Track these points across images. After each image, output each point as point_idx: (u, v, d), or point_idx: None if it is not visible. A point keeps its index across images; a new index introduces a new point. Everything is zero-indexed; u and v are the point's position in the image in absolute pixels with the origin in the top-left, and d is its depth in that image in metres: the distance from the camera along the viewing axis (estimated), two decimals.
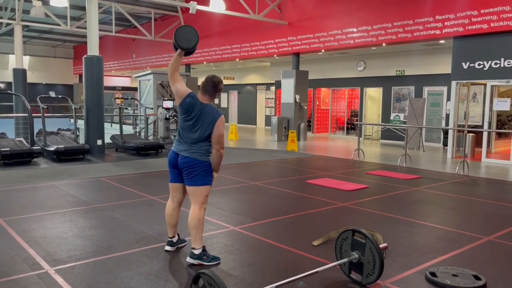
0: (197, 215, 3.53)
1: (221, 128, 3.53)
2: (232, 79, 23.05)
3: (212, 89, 3.60)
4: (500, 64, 10.07)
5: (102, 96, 10.62)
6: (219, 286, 2.28)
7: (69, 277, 3.24)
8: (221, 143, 3.55)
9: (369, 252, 3.09)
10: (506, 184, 7.83)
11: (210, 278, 2.34)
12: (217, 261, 3.55)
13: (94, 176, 7.56)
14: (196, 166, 3.50)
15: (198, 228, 3.51)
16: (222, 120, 3.56)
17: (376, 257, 3.05)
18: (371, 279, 3.11)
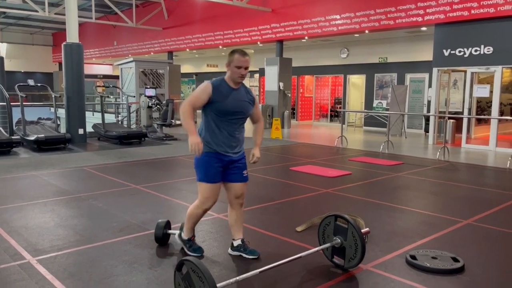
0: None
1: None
2: (215, 67, 22.89)
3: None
4: (480, 51, 10.22)
5: (83, 84, 10.44)
6: (202, 272, 2.29)
7: (51, 267, 3.21)
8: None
9: (351, 237, 3.14)
10: (485, 169, 8.01)
11: (193, 265, 2.35)
12: (197, 253, 3.43)
13: (76, 166, 7.46)
14: None
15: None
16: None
17: (358, 241, 3.10)
18: (353, 263, 3.17)
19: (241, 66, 3.13)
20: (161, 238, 3.68)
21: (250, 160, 3.37)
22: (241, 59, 3.13)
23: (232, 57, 3.15)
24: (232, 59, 3.14)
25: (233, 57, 3.14)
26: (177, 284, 2.53)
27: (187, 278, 2.41)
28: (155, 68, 15.04)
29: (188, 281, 2.41)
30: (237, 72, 3.14)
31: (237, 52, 3.16)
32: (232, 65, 3.14)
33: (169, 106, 11.67)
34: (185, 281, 2.43)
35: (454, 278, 3.15)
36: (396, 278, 3.13)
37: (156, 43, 19.49)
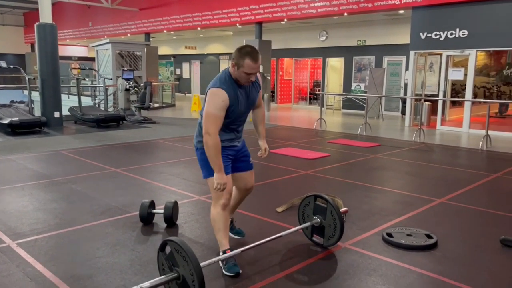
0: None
1: (205, 106, 2.77)
2: (194, 49, 22.60)
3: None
4: (456, 34, 10.40)
5: (57, 66, 10.17)
6: (186, 252, 2.33)
7: (32, 250, 3.19)
8: (204, 125, 2.76)
9: (330, 216, 3.22)
10: (458, 150, 8.26)
11: (177, 245, 2.39)
12: (233, 272, 2.81)
13: (53, 149, 7.34)
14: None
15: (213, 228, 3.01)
16: (207, 97, 2.80)
17: (337, 220, 3.19)
18: (332, 241, 3.26)
19: (252, 74, 2.70)
20: (145, 218, 3.72)
21: (259, 154, 3.20)
22: (253, 65, 2.66)
23: (242, 61, 2.65)
24: (242, 64, 2.66)
25: (244, 62, 2.65)
26: (160, 264, 2.56)
27: (171, 258, 2.45)
28: (132, 50, 14.76)
29: (171, 261, 2.44)
30: (245, 78, 2.72)
31: (249, 55, 2.65)
32: (241, 69, 2.68)
33: (147, 88, 11.52)
34: (168, 261, 2.47)
35: (427, 253, 3.28)
36: (373, 255, 3.24)
37: (133, 24, 19.07)
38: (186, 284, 2.36)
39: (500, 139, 9.16)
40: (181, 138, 8.94)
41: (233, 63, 2.71)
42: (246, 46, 2.74)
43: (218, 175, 2.74)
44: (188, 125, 11.05)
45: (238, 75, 2.72)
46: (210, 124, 2.67)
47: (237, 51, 2.71)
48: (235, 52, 2.72)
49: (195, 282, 2.28)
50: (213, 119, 2.67)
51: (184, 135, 9.26)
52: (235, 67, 2.71)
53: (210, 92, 2.74)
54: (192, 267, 2.29)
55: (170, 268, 2.46)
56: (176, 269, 2.41)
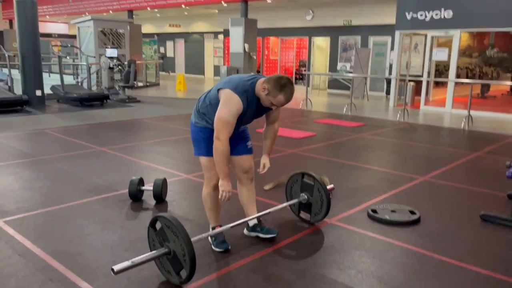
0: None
1: (219, 109, 2.63)
2: (178, 27, 22.22)
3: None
4: (440, 14, 10.45)
5: (38, 43, 9.93)
6: (176, 227, 2.35)
7: (20, 228, 3.19)
8: (215, 130, 2.64)
9: (317, 193, 3.29)
10: (442, 129, 8.41)
11: (167, 221, 2.41)
12: (222, 248, 2.89)
13: (36, 128, 7.23)
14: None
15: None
16: (221, 96, 2.65)
17: (324, 197, 3.25)
18: (318, 217, 3.33)
19: (278, 106, 2.70)
20: (135, 195, 3.73)
21: (258, 170, 3.06)
22: (283, 102, 2.63)
23: (276, 93, 2.57)
24: (274, 95, 2.58)
25: (277, 95, 2.58)
26: (151, 240, 2.59)
27: (161, 234, 2.48)
28: (114, 28, 14.43)
29: (162, 236, 2.47)
30: (269, 105, 2.68)
31: (285, 93, 2.58)
32: (273, 100, 2.60)
33: (131, 67, 11.34)
34: (159, 237, 2.50)
35: (410, 229, 3.38)
36: (358, 230, 3.33)
37: (115, 1, 18.58)
38: (176, 258, 2.40)
39: (481, 119, 9.35)
40: (166, 117, 8.88)
41: (265, 86, 2.59)
42: (287, 81, 2.61)
43: (223, 182, 2.68)
44: (173, 104, 10.96)
45: (265, 98, 2.64)
46: (222, 130, 2.58)
47: (275, 81, 2.59)
48: (273, 79, 2.60)
49: (186, 256, 2.32)
50: (226, 125, 2.58)
51: (169, 114, 9.20)
52: (265, 91, 2.60)
53: (227, 95, 2.60)
54: (183, 242, 2.33)
55: (160, 244, 2.49)
56: (167, 244, 2.44)
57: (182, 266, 2.38)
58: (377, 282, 2.57)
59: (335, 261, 2.82)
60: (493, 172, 5.11)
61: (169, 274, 2.48)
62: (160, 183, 3.76)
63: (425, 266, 2.79)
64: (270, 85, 2.59)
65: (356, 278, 2.61)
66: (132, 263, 2.28)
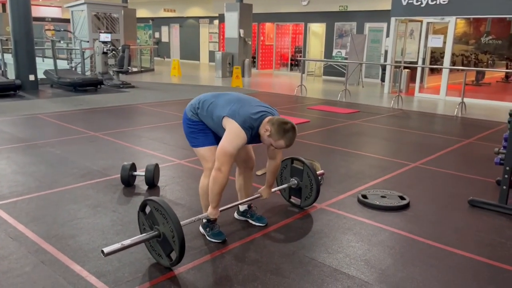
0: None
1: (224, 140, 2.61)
2: (173, 12, 22.00)
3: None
4: (436, 1, 10.41)
5: (31, 27, 9.82)
6: (165, 210, 2.38)
7: (12, 211, 3.21)
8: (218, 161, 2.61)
9: (307, 178, 3.32)
10: (435, 116, 8.46)
11: (156, 204, 2.44)
12: (219, 239, 2.86)
13: (29, 113, 7.20)
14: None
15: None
16: (227, 125, 2.63)
17: (313, 181, 3.29)
18: (308, 201, 3.38)
19: (279, 149, 2.74)
20: (127, 180, 3.76)
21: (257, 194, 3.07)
22: (283, 147, 2.63)
23: (278, 137, 2.56)
24: (275, 139, 2.57)
25: (278, 139, 2.57)
26: (141, 224, 2.62)
27: (151, 217, 2.51)
28: (108, 12, 14.28)
29: (151, 220, 2.51)
30: (268, 145, 2.72)
31: (286, 139, 2.57)
32: (271, 138, 2.59)
33: (125, 52, 11.26)
34: (148, 220, 2.53)
35: (400, 213, 3.44)
36: (348, 215, 3.38)
37: None
38: (166, 241, 2.43)
39: (475, 106, 9.39)
40: (160, 103, 8.86)
41: (268, 128, 2.57)
42: (291, 127, 2.57)
43: (214, 211, 2.71)
44: (168, 90, 10.92)
45: (266, 139, 2.63)
46: (225, 163, 2.57)
47: (279, 125, 2.55)
48: (277, 123, 2.56)
49: (175, 238, 2.36)
50: (229, 159, 2.58)
51: (163, 100, 9.17)
52: (267, 132, 2.58)
53: (235, 129, 2.56)
54: (172, 224, 2.36)
55: (150, 227, 2.52)
56: (157, 227, 2.47)
57: (172, 248, 2.42)
58: (364, 265, 2.62)
59: (323, 245, 2.87)
60: (483, 158, 5.17)
61: (159, 256, 2.52)
62: (152, 168, 3.78)
63: (412, 250, 2.85)
64: (273, 128, 2.56)
65: (344, 261, 2.66)
66: (122, 245, 2.32)
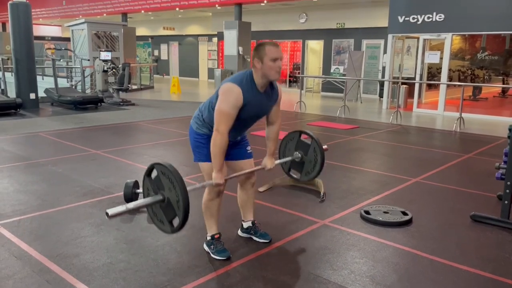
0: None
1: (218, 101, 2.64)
2: (172, 30, 22.25)
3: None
4: (432, 18, 10.58)
5: (32, 46, 9.94)
6: (171, 172, 2.31)
7: (16, 231, 3.20)
8: (215, 122, 2.64)
9: (313, 152, 3.28)
10: (434, 131, 8.51)
11: (163, 167, 2.37)
12: (223, 256, 2.84)
13: (30, 131, 7.22)
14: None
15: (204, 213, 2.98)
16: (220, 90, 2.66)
17: (318, 157, 3.25)
18: (309, 176, 3.36)
19: (277, 58, 2.61)
20: (130, 197, 3.76)
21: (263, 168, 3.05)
22: (275, 49, 2.61)
23: (262, 50, 2.60)
24: (263, 53, 2.60)
25: (264, 50, 2.60)
26: (145, 190, 2.53)
27: (156, 182, 2.43)
28: (109, 31, 14.45)
29: (157, 184, 2.43)
30: (273, 67, 2.60)
31: (266, 44, 2.63)
32: (266, 59, 2.59)
33: (125, 70, 11.36)
34: (154, 185, 2.45)
35: (402, 229, 3.44)
36: (351, 231, 3.38)
37: (109, 4, 18.59)
38: (170, 206, 2.36)
39: (473, 121, 9.46)
40: (160, 120, 8.91)
41: (256, 60, 2.62)
42: (261, 42, 2.71)
43: (217, 174, 2.66)
44: (167, 107, 10.99)
45: (266, 67, 2.60)
46: (222, 122, 2.56)
47: (255, 49, 2.67)
48: (253, 51, 2.67)
49: (180, 202, 2.29)
50: (225, 117, 2.56)
51: (163, 117, 9.22)
52: (259, 62, 2.61)
53: (225, 87, 2.60)
54: (177, 186, 2.29)
55: (155, 192, 2.45)
56: (162, 192, 2.40)
57: (175, 214, 2.36)
58: (370, 282, 2.62)
59: (328, 262, 2.87)
60: (483, 173, 5.20)
61: (161, 223, 2.47)
62: None
63: (417, 265, 2.85)
64: (256, 55, 2.64)
65: (349, 278, 2.66)
66: (126, 208, 2.28)
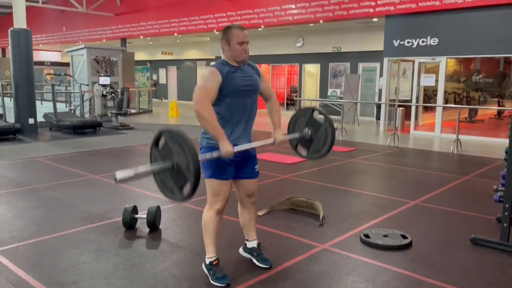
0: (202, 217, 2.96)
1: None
2: (171, 54, 22.53)
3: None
4: (427, 42, 10.78)
5: (32, 72, 10.03)
6: (180, 135, 2.29)
7: (14, 258, 3.17)
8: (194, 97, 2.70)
9: (323, 132, 3.17)
10: (431, 153, 8.55)
11: (170, 132, 2.36)
12: (223, 283, 2.81)
13: (29, 157, 7.22)
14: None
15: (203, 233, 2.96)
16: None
17: (329, 137, 3.13)
18: (316, 155, 3.24)
19: (243, 41, 2.74)
20: (129, 223, 3.74)
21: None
22: (241, 32, 2.74)
23: (229, 34, 2.74)
24: (231, 36, 2.73)
25: (232, 33, 2.74)
26: (153, 160, 2.48)
27: (164, 150, 2.40)
28: (107, 56, 14.63)
29: (165, 152, 2.39)
30: (240, 50, 2.74)
31: (233, 27, 2.77)
32: (232, 42, 2.72)
33: (124, 94, 11.45)
34: (162, 154, 2.42)
35: (403, 253, 3.43)
36: (351, 255, 3.36)
37: (109, 30, 18.89)
38: (180, 171, 2.31)
39: (470, 143, 9.51)
40: None
41: (223, 42, 2.77)
42: (229, 25, 2.85)
43: (223, 143, 2.61)
44: None
45: (233, 50, 2.75)
46: (200, 94, 2.64)
47: (223, 31, 2.80)
48: (221, 34, 2.80)
49: (190, 165, 2.26)
50: (203, 90, 2.65)
51: None
52: (226, 44, 2.75)
53: (205, 70, 2.78)
54: (186, 148, 2.26)
55: (163, 160, 2.41)
56: (171, 157, 2.36)
57: (186, 179, 2.31)
58: None
59: (329, 287, 2.84)
60: (481, 195, 5.20)
61: (172, 193, 2.43)
62: (153, 210, 3.78)
63: None
64: (223, 38, 2.77)
65: None
66: (135, 172, 2.28)
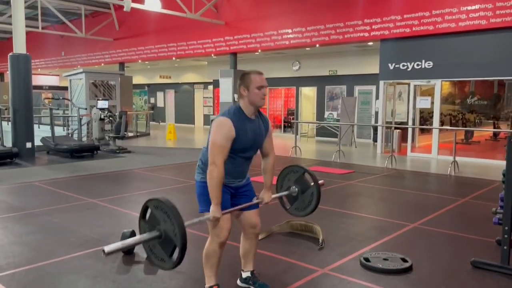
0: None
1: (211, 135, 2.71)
2: (169, 78, 22.74)
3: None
4: (422, 65, 10.95)
5: (31, 96, 10.10)
6: (164, 203, 2.29)
7: (10, 284, 3.13)
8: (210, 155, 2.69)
9: (309, 196, 3.25)
10: (429, 175, 8.57)
11: (156, 201, 2.35)
12: None
13: (26, 181, 7.19)
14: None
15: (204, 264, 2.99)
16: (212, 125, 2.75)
17: (313, 202, 3.21)
18: (296, 212, 3.35)
19: (262, 86, 2.74)
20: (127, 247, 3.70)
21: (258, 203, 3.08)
22: (260, 77, 2.76)
23: (248, 79, 2.73)
24: (249, 81, 2.72)
25: (250, 78, 2.73)
26: (142, 232, 2.47)
27: (151, 220, 2.39)
28: (106, 80, 14.76)
29: (152, 222, 2.38)
30: (259, 94, 2.73)
31: (252, 72, 2.77)
32: (251, 87, 2.71)
33: (122, 118, 11.50)
34: (149, 224, 2.41)
35: (403, 277, 3.40)
36: (351, 279, 3.33)
37: (107, 54, 19.11)
38: (168, 238, 2.31)
39: (467, 164, 9.55)
40: (157, 167, 8.92)
41: (242, 88, 2.74)
42: (246, 71, 2.82)
43: (215, 207, 2.65)
44: (164, 154, 11.03)
45: (252, 95, 2.72)
46: (216, 154, 2.63)
47: (240, 79, 2.79)
48: (239, 81, 2.78)
49: (176, 230, 2.26)
50: (219, 149, 2.63)
51: (160, 164, 9.24)
52: (245, 90, 2.73)
53: (217, 122, 2.69)
54: (171, 215, 2.28)
55: (151, 230, 2.40)
56: (158, 227, 2.36)
57: (175, 245, 2.31)
58: None
59: None
60: (480, 217, 5.20)
61: (162, 261, 2.41)
62: None
63: None
64: (242, 84, 2.75)
65: None
66: (122, 245, 2.24)
